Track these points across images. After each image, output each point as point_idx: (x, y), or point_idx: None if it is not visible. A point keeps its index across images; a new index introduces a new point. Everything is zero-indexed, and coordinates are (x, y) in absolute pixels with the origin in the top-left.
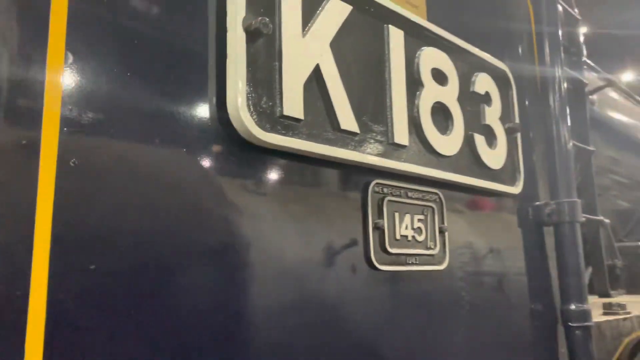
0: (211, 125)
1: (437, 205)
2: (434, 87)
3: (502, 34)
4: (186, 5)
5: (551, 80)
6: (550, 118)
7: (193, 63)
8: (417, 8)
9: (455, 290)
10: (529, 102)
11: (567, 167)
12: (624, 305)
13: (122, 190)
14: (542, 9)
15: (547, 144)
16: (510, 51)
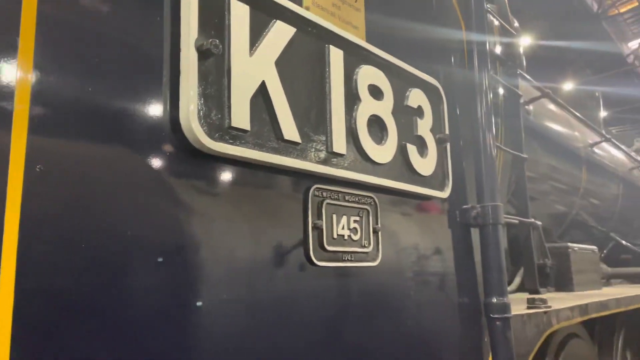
0: (166, 135)
1: (371, 207)
2: (371, 102)
3: (437, 48)
4: (144, 26)
5: (479, 91)
6: (477, 127)
7: (150, 78)
8: (358, 29)
9: (387, 284)
10: (460, 111)
11: (491, 173)
12: (546, 300)
13: (81, 194)
14: (472, 24)
15: (475, 152)
16: (444, 64)
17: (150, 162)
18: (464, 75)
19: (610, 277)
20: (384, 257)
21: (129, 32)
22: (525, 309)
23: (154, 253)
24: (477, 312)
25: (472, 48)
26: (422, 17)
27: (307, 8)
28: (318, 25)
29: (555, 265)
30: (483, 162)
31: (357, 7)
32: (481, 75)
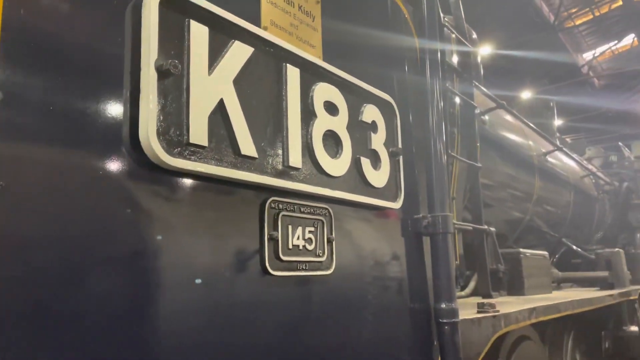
0: (126, 151)
1: (326, 218)
2: (326, 117)
3: (391, 61)
4: (107, 47)
5: (430, 102)
6: (428, 139)
7: (111, 97)
8: (315, 48)
9: (341, 291)
10: (414, 123)
11: (442, 185)
12: (494, 305)
13: (41, 209)
14: (425, 34)
15: (426, 164)
16: (398, 76)
17: (111, 177)
18: (417, 87)
19: (560, 281)
20: (337, 265)
21: (91, 53)
22: (475, 313)
23: (114, 266)
24: (428, 317)
25: (425, 59)
26: (376, 31)
27: (265, 28)
28: (275, 44)
29: (508, 270)
30: (434, 174)
31: (314, 27)
32: (433, 86)
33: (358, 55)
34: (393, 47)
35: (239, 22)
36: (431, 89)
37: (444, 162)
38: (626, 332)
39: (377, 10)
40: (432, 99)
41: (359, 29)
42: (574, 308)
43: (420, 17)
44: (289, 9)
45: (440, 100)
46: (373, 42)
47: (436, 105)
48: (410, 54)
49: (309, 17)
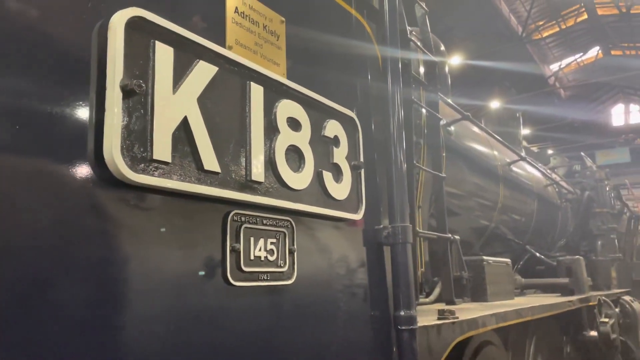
0: (91, 168)
1: (288, 230)
2: (289, 133)
3: (355, 77)
4: (73, 66)
5: (391, 114)
6: (389, 155)
7: (77, 116)
8: (279, 66)
9: (302, 300)
10: (377, 136)
11: (402, 196)
12: (454, 311)
13: (5, 223)
14: (387, 52)
15: (387, 177)
16: (362, 91)
17: (75, 193)
18: (380, 99)
19: (524, 287)
20: (299, 275)
21: (57, 72)
22: (436, 319)
23: (77, 279)
24: (388, 324)
25: (387, 71)
26: (340, 48)
27: (229, 47)
28: (239, 63)
29: (472, 277)
30: (395, 185)
31: (279, 46)
32: (394, 97)
33: (322, 72)
34: (356, 63)
35: (204, 43)
36: (392, 100)
37: (405, 172)
38: (586, 337)
39: (341, 28)
40: (393, 111)
41: (323, 47)
42: (533, 314)
43: (383, 33)
44: (254, 28)
45: (401, 111)
46: (337, 59)
47: (397, 116)
48: (373, 68)
49: (274, 36)
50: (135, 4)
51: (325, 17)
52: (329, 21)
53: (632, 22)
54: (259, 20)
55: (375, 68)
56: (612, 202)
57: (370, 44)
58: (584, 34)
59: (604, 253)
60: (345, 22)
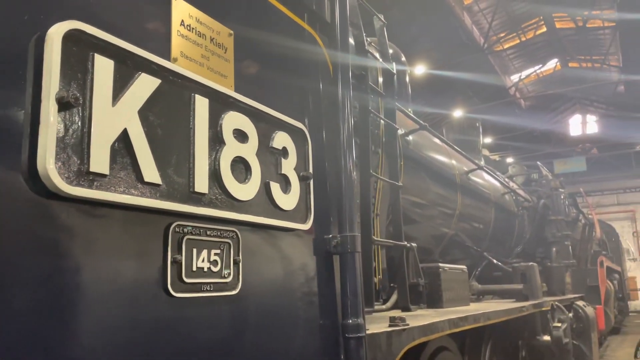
0: (25, 182)
1: (233, 241)
2: (235, 145)
3: (307, 88)
4: (7, 77)
5: (341, 123)
6: (339, 164)
7: (11, 129)
8: (226, 78)
9: (248, 310)
10: (328, 146)
11: (351, 205)
12: (404, 318)
13: None
14: (337, 46)
15: (337, 188)
16: (314, 101)
17: (7, 206)
18: (331, 109)
19: (480, 293)
20: (244, 285)
21: None
22: (387, 326)
23: (9, 293)
24: (336, 332)
25: (337, 80)
26: (291, 61)
27: (174, 60)
28: (183, 76)
29: (428, 283)
30: (344, 195)
31: (227, 58)
32: (344, 106)
33: (272, 84)
34: (308, 75)
35: (146, 55)
36: (342, 110)
37: (354, 181)
38: (539, 341)
39: (293, 41)
40: (343, 120)
41: (274, 60)
42: (485, 320)
43: (334, 46)
44: (200, 41)
45: (351, 121)
46: (288, 72)
47: (347, 125)
48: (325, 79)
49: (221, 49)
50: (76, 17)
51: (276, 30)
52: (280, 34)
53: (588, 36)
54: (206, 32)
55: (327, 79)
56: (566, 210)
57: (322, 56)
58: (543, 47)
59: (559, 259)
60: (297, 35)
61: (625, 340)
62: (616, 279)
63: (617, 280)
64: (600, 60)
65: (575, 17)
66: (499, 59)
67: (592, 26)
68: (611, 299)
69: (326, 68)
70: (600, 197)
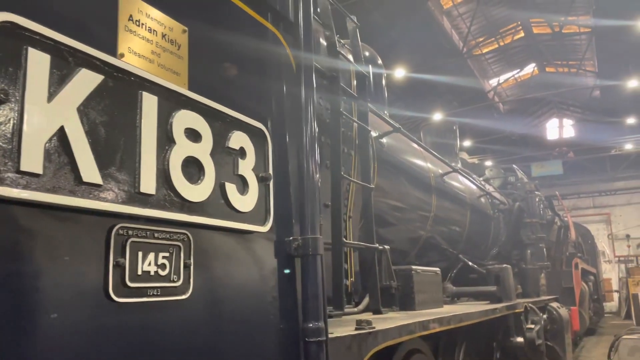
0: None
1: (184, 243)
2: (187, 144)
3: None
4: None
5: (304, 124)
6: (304, 170)
7: None
8: (179, 76)
9: (200, 315)
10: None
11: (313, 207)
12: (371, 321)
13: None
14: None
15: (299, 188)
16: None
17: None
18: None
19: (455, 295)
20: (197, 290)
21: None
22: (353, 330)
23: None
24: (296, 337)
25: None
26: (250, 58)
27: (121, 56)
28: (129, 72)
29: (400, 286)
30: (306, 196)
31: (180, 55)
32: (307, 106)
33: (231, 83)
34: (270, 75)
35: (86, 50)
36: (305, 110)
37: (317, 184)
38: (513, 343)
39: (255, 40)
40: (306, 121)
41: (234, 59)
42: (456, 322)
43: (298, 45)
44: (151, 37)
45: (314, 122)
46: (248, 71)
47: (310, 126)
48: (289, 79)
49: (174, 46)
50: (12, 9)
51: (236, 28)
52: (240, 33)
53: (564, 41)
54: (157, 28)
55: (291, 79)
56: (541, 213)
57: (286, 55)
58: (521, 51)
59: (533, 261)
60: (258, 34)
61: (600, 341)
62: (591, 281)
63: (592, 282)
64: (576, 66)
65: (552, 23)
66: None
67: (569, 32)
68: (586, 301)
69: (290, 68)
70: (577, 200)
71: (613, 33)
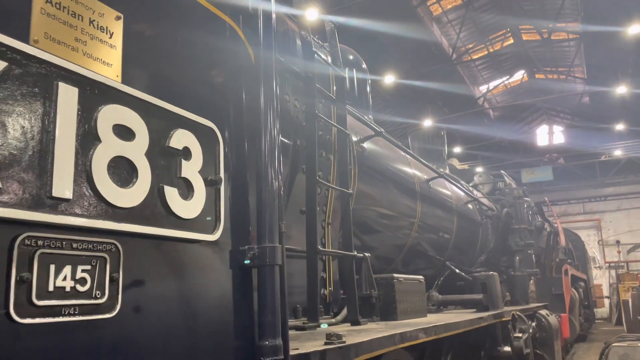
0: None
1: (111, 254)
2: (115, 142)
3: (224, 87)
4: None
5: (263, 125)
6: (261, 173)
7: None
8: (111, 67)
9: (131, 337)
10: (250, 150)
11: (272, 214)
12: (341, 335)
13: None
14: (261, 59)
15: (257, 193)
16: (235, 103)
17: None
18: (254, 110)
19: (440, 304)
20: (127, 307)
21: None
22: (323, 344)
23: None
24: (251, 355)
25: (260, 78)
26: (199, 47)
27: (35, 42)
28: (42, 60)
29: (382, 295)
30: (265, 202)
31: (112, 44)
32: (266, 107)
33: (175, 77)
34: (226, 71)
35: None
36: (265, 108)
37: (277, 189)
38: (500, 352)
39: (208, 33)
40: (266, 120)
41: (179, 51)
42: (439, 332)
43: (256, 41)
44: (74, 22)
45: (275, 121)
46: (197, 65)
47: (270, 127)
48: (248, 77)
49: (105, 33)
50: None
51: (183, 18)
52: (189, 23)
53: (553, 48)
54: (83, 13)
55: (249, 76)
56: (529, 219)
57: (244, 50)
58: (510, 58)
59: (522, 268)
60: (211, 26)
61: (591, 347)
62: (582, 287)
63: (582, 289)
64: (565, 72)
65: (541, 30)
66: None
67: (558, 38)
68: (576, 307)
69: (249, 64)
70: (567, 206)
71: (601, 39)
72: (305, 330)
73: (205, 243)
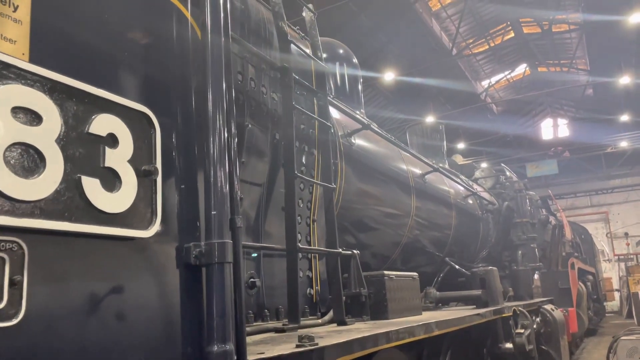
0: None
1: (11, 254)
2: (16, 127)
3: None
4: None
5: (212, 125)
6: (209, 161)
7: None
8: (15, 43)
9: (39, 348)
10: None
11: (220, 209)
12: (313, 337)
13: None
14: (208, 38)
15: (205, 184)
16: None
17: None
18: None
19: (438, 301)
20: (34, 315)
21: None
22: (294, 347)
23: None
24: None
25: (207, 63)
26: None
27: None
28: None
29: (373, 293)
30: (213, 197)
31: (17, 19)
32: (215, 92)
33: (99, 56)
34: (162, 49)
35: None
36: (212, 93)
37: (224, 182)
38: (501, 349)
39: (141, 7)
40: (214, 106)
41: (103, 28)
42: (429, 331)
43: (204, 18)
44: None
45: (223, 106)
46: (127, 44)
47: (218, 112)
48: (196, 61)
49: (8, 7)
50: None
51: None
52: (126, 4)
53: (555, 40)
54: None
55: (197, 58)
56: (531, 212)
57: (194, 33)
58: (512, 52)
59: (525, 262)
60: (152, 5)
61: (601, 341)
62: (590, 281)
63: (591, 282)
64: (568, 64)
65: (542, 22)
66: (469, 64)
67: (559, 30)
68: (584, 301)
69: (196, 46)
70: (574, 199)
71: (603, 29)
72: (284, 332)
73: (141, 240)
